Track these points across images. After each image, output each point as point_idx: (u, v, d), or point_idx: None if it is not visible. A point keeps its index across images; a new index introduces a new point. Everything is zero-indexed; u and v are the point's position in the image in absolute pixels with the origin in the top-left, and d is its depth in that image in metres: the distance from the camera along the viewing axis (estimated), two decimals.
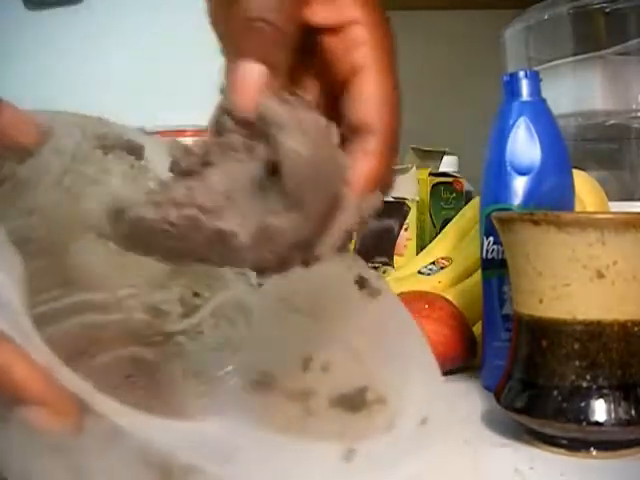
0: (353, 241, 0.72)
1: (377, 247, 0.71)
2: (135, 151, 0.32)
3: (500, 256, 0.48)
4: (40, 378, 0.22)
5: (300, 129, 0.24)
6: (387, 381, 0.30)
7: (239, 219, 0.23)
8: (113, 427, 0.21)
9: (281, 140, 0.23)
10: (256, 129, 0.24)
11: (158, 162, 0.32)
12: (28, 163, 0.27)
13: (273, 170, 0.24)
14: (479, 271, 0.53)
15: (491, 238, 0.49)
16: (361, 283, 0.33)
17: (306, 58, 0.29)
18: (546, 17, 0.75)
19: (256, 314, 0.35)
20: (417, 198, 0.71)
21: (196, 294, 0.35)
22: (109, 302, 0.33)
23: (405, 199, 0.70)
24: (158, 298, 0.34)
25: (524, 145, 0.48)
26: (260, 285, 0.34)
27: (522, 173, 0.48)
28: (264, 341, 0.34)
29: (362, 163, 0.27)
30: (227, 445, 0.23)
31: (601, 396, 0.37)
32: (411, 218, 0.70)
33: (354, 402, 0.30)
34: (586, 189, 0.58)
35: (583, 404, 0.37)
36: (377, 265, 0.71)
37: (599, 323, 0.37)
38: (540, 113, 0.49)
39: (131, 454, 0.21)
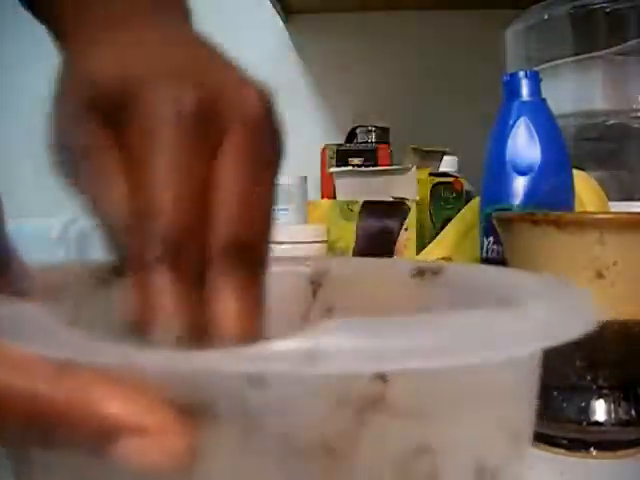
0: (353, 242, 0.72)
1: (377, 247, 0.71)
2: None
3: (500, 256, 0.48)
4: (132, 398, 0.16)
5: None
6: None
7: None
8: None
9: None
10: None
11: None
12: None
13: None
14: None
15: (491, 238, 0.49)
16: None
17: None
18: (546, 17, 0.75)
19: None
20: (417, 198, 0.71)
21: None
22: None
23: (405, 199, 0.70)
24: None
25: (524, 145, 0.48)
26: None
27: (522, 173, 0.48)
28: None
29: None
30: None
31: (601, 396, 0.37)
32: (411, 218, 0.70)
33: None
34: (586, 189, 0.58)
35: (583, 404, 0.37)
36: None
37: (599, 323, 0.37)
38: (540, 113, 0.49)
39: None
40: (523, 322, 0.18)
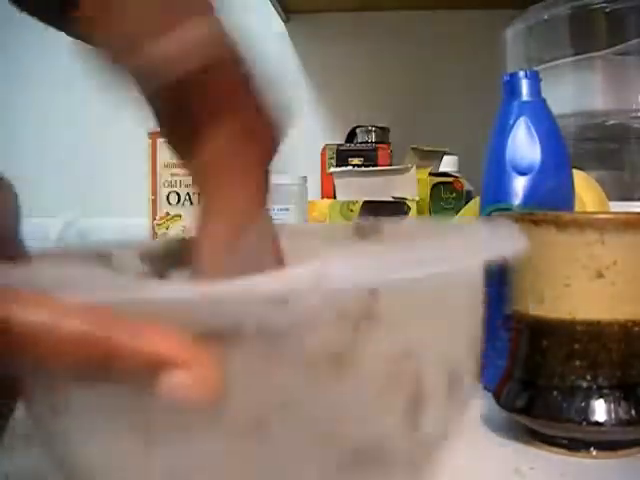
0: None
1: None
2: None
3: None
4: (171, 335, 0.18)
5: None
6: None
7: None
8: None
9: None
10: None
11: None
12: None
13: None
14: None
15: None
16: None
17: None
18: (546, 17, 0.75)
19: None
20: (417, 198, 0.71)
21: None
22: None
23: (405, 199, 0.70)
24: None
25: (524, 145, 0.48)
26: None
27: (522, 173, 0.48)
28: None
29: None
30: None
31: (601, 396, 0.37)
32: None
33: None
34: (586, 189, 0.58)
35: (583, 404, 0.37)
36: None
37: (599, 323, 0.37)
38: (540, 113, 0.49)
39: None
40: (470, 243, 0.23)
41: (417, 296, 0.22)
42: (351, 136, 0.99)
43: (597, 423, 0.37)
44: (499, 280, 0.49)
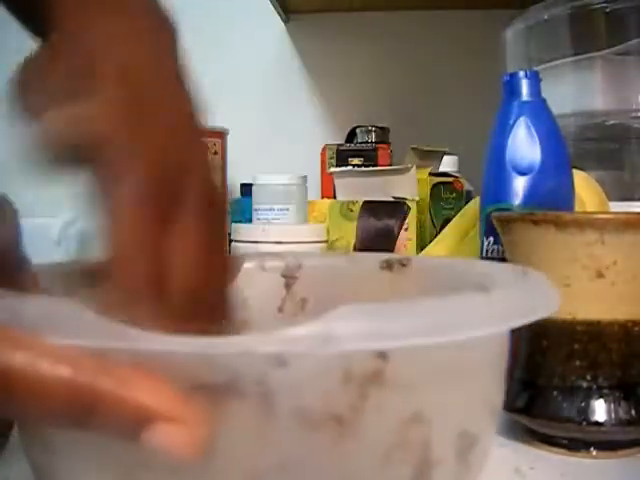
0: (353, 241, 0.72)
1: (377, 247, 0.71)
2: None
3: (500, 256, 0.48)
4: (162, 389, 0.18)
5: None
6: None
7: None
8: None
9: None
10: None
11: None
12: None
13: None
14: None
15: (491, 238, 0.49)
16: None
17: None
18: (546, 17, 0.75)
19: None
20: (417, 198, 0.70)
21: None
22: None
23: (405, 199, 0.70)
24: None
25: (524, 145, 0.48)
26: None
27: (522, 173, 0.48)
28: None
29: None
30: None
31: (601, 396, 0.37)
32: (411, 218, 0.70)
33: None
34: (586, 189, 0.58)
35: (583, 404, 0.37)
36: None
37: (599, 323, 0.37)
38: (540, 113, 0.49)
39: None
40: (495, 304, 0.21)
41: (430, 360, 0.21)
42: (351, 136, 0.99)
43: (597, 423, 0.37)
44: None
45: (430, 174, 0.74)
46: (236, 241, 0.75)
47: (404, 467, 0.21)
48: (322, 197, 0.92)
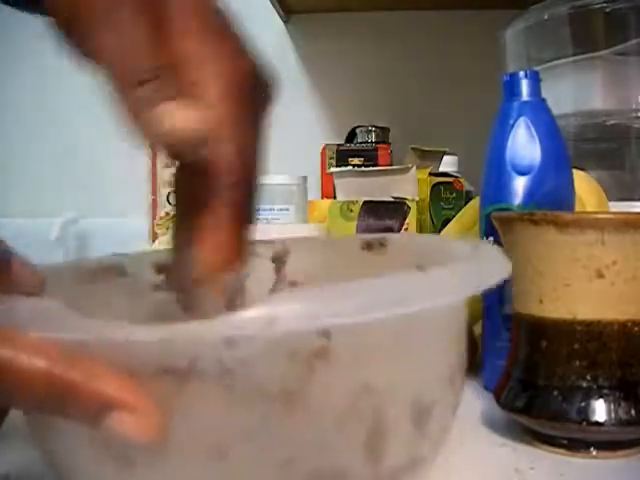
0: None
1: None
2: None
3: None
4: (123, 380, 0.20)
5: None
6: None
7: None
8: None
9: None
10: None
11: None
12: None
13: None
14: None
15: (491, 238, 0.49)
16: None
17: None
18: (546, 17, 0.75)
19: None
20: (417, 198, 0.70)
21: None
22: None
23: (405, 199, 0.70)
24: None
25: (524, 145, 0.48)
26: None
27: (522, 173, 0.48)
28: None
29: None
30: None
31: (601, 396, 0.37)
32: (411, 218, 0.70)
33: None
34: (586, 189, 0.58)
35: (583, 404, 0.37)
36: None
37: (599, 323, 0.37)
38: (540, 113, 0.49)
39: None
40: (435, 280, 0.23)
41: (374, 336, 0.22)
42: (351, 136, 0.99)
43: (597, 423, 0.37)
44: None
45: (430, 174, 0.74)
46: None
47: (357, 434, 0.23)
48: (322, 197, 0.92)
